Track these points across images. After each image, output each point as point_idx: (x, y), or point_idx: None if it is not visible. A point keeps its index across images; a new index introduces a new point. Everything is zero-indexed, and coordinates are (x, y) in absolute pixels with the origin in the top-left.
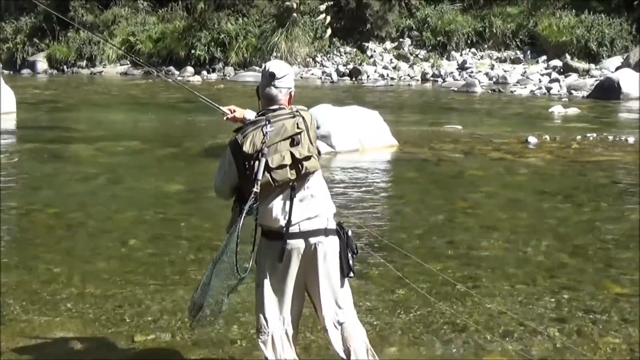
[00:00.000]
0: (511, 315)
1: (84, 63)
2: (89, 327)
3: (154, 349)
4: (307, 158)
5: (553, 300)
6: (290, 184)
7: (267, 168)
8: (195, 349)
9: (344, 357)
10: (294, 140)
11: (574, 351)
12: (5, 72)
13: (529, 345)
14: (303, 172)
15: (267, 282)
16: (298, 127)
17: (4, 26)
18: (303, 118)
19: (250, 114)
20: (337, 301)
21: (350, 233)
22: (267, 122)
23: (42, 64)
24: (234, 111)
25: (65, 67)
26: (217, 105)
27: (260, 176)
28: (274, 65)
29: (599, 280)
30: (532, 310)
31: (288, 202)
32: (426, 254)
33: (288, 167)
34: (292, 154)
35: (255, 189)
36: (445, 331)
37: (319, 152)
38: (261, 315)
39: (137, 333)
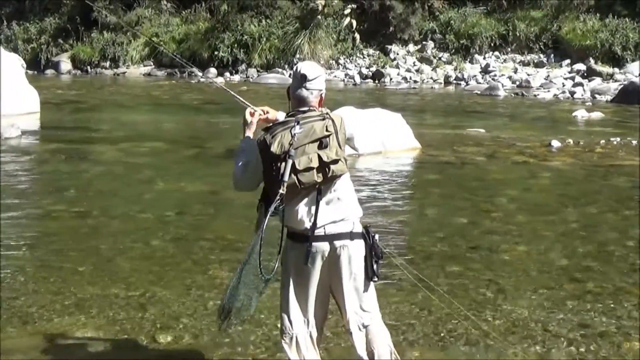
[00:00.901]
0: (534, 319)
1: (107, 64)
2: (112, 327)
3: (176, 349)
4: (335, 161)
5: (576, 304)
6: (317, 186)
7: (294, 170)
8: (217, 349)
9: (369, 359)
10: (322, 143)
11: (596, 356)
12: (29, 72)
13: (552, 349)
14: (330, 175)
15: (292, 284)
16: (327, 130)
17: (28, 26)
18: (333, 121)
19: (282, 116)
20: (361, 304)
21: (377, 237)
22: (296, 124)
23: (65, 65)
24: (267, 112)
25: (89, 67)
26: (250, 105)
27: (286, 178)
28: (306, 66)
29: (623, 284)
30: (555, 314)
31: (314, 205)
32: (448, 257)
33: (315, 170)
34: (319, 157)
35: (281, 191)
36: (468, 335)
37: None
38: (285, 317)
39: (160, 333)
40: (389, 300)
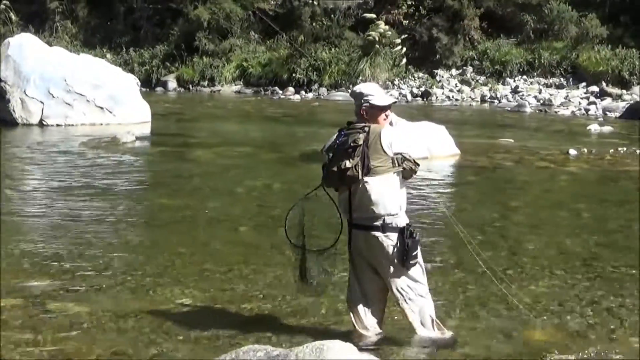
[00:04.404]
0: (552, 296)
1: (205, 83)
2: (206, 297)
3: (258, 314)
4: (360, 167)
5: (588, 284)
6: (353, 184)
7: (338, 169)
8: (292, 316)
9: (415, 326)
10: (352, 151)
11: (604, 328)
12: (143, 89)
13: (566, 321)
14: (360, 176)
15: (351, 265)
16: (355, 142)
17: (142, 52)
18: (368, 134)
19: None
20: (403, 283)
21: (413, 231)
22: (341, 134)
23: (172, 83)
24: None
25: (190, 86)
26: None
27: (326, 174)
28: (356, 85)
29: (628, 268)
30: (570, 292)
31: (348, 200)
32: (482, 244)
33: (349, 170)
34: (350, 162)
35: (323, 183)
36: (497, 308)
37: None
38: (349, 290)
39: (245, 302)
40: (431, 279)
